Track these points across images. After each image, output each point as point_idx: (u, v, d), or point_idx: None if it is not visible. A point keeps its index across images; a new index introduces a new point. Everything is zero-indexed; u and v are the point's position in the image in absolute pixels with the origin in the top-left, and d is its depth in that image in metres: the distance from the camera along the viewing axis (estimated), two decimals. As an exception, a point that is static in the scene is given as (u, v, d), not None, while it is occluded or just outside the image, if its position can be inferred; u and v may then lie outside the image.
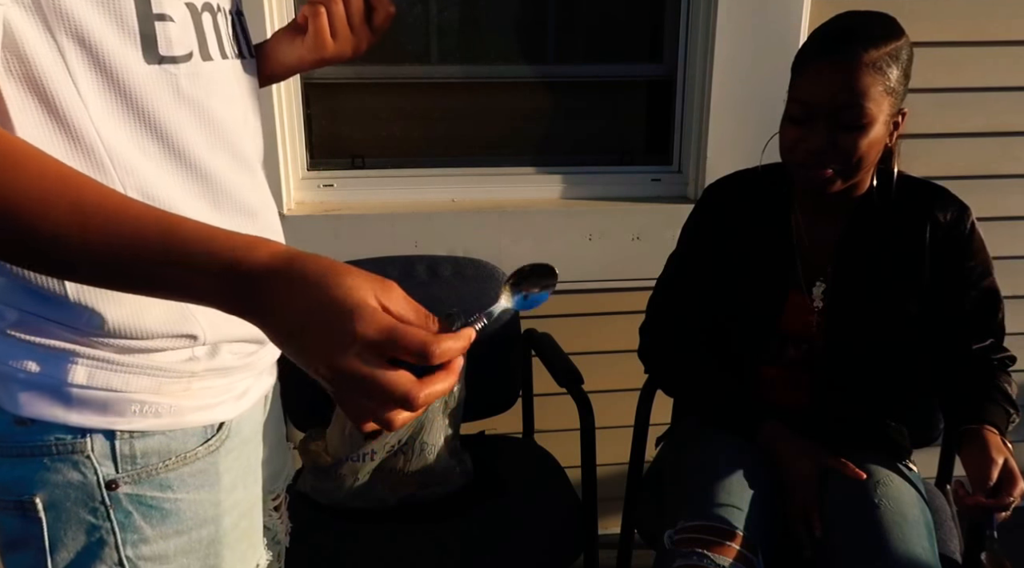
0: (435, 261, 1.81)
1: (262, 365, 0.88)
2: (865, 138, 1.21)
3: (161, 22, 0.69)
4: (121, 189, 0.68)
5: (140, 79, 0.68)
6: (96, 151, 0.67)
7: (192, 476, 0.79)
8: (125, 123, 0.68)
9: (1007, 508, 1.17)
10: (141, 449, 0.75)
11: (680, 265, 1.48)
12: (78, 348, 0.71)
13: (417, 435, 1.52)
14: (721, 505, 1.26)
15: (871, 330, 1.36)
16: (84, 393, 0.72)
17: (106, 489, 0.75)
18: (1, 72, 0.62)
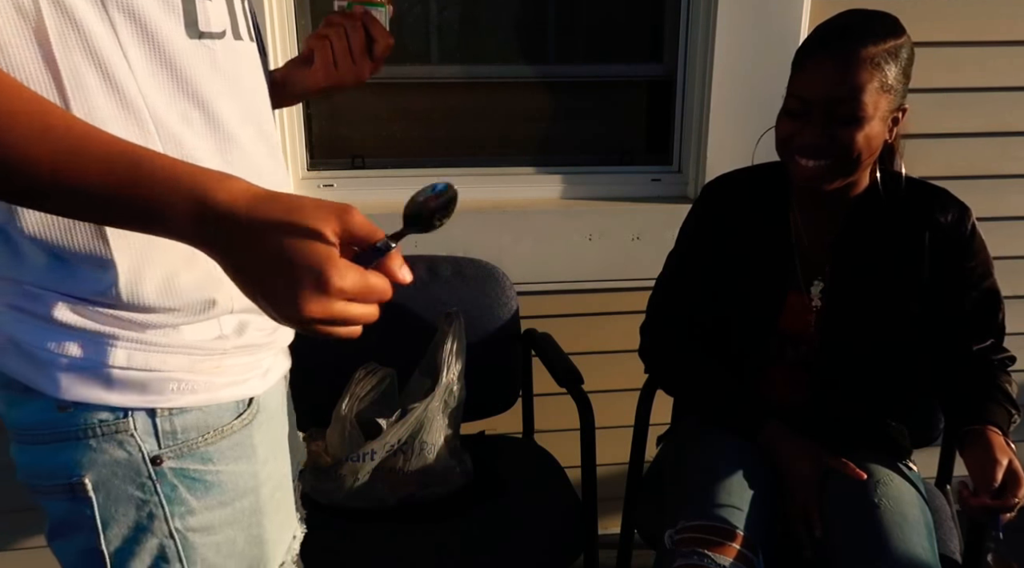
0: (435, 261, 1.81)
1: (282, 344, 0.92)
2: (861, 133, 1.21)
3: (201, 1, 0.74)
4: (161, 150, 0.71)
5: (183, 51, 0.73)
6: (141, 115, 0.71)
7: (230, 449, 0.83)
8: (168, 91, 0.72)
9: (1012, 509, 1.17)
10: (181, 425, 0.79)
11: (679, 264, 1.49)
12: (116, 331, 0.74)
13: (417, 435, 1.52)
14: (721, 505, 1.26)
15: (869, 330, 1.36)
16: (124, 374, 0.75)
17: (151, 464, 0.78)
18: (58, 40, 0.66)
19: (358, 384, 1.54)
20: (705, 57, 1.88)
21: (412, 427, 1.51)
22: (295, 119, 1.88)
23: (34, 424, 0.76)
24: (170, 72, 0.72)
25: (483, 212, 1.91)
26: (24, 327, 0.73)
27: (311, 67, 1.04)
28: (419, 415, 1.51)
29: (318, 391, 1.51)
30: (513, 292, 1.82)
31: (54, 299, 0.73)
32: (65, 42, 0.67)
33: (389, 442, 1.50)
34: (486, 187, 1.98)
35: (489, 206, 1.93)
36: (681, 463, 1.42)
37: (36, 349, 0.73)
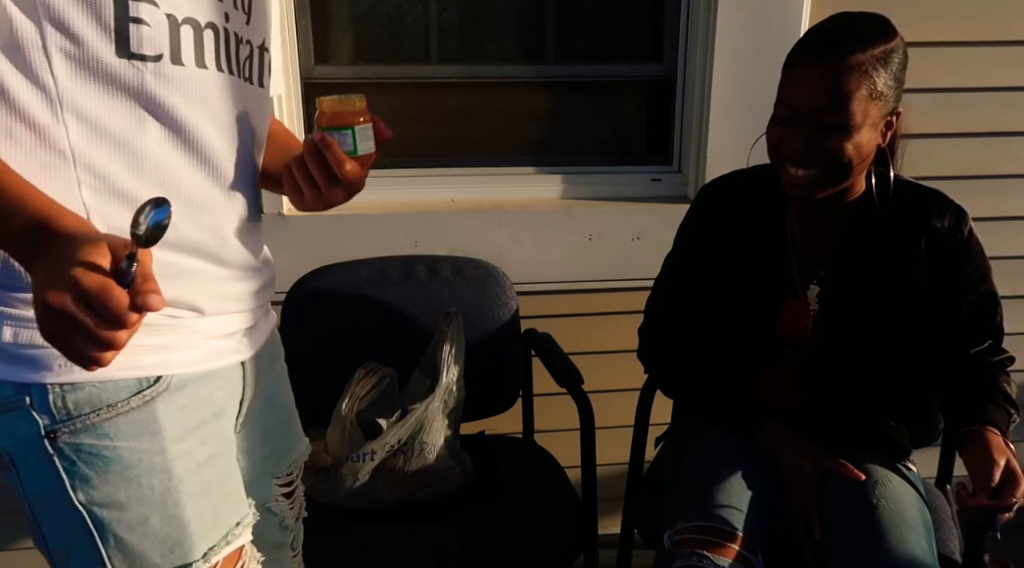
0: (435, 261, 1.81)
1: (211, 333, 0.94)
2: (850, 141, 1.20)
3: (136, 24, 0.80)
4: (69, 152, 0.79)
5: (109, 68, 0.79)
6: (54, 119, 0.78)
7: (129, 425, 0.85)
8: (90, 102, 0.79)
9: (1010, 509, 1.17)
10: (73, 401, 0.82)
11: (676, 266, 1.48)
12: (3, 309, 0.80)
13: (417, 435, 1.52)
14: (721, 506, 1.26)
15: (866, 334, 1.36)
16: (14, 350, 0.80)
17: (47, 440, 0.82)
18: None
19: (358, 384, 1.54)
20: (705, 57, 1.88)
21: (412, 427, 1.51)
22: (295, 119, 1.89)
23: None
24: (95, 83, 0.79)
25: (483, 212, 1.91)
26: None
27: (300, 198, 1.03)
28: (419, 415, 1.51)
29: (318, 391, 1.51)
30: (513, 292, 1.82)
31: None
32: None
33: (389, 442, 1.50)
34: (486, 187, 1.98)
35: (489, 206, 1.93)
36: (680, 464, 1.42)
37: None
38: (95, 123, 0.80)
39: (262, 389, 1.07)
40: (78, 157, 0.80)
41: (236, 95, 0.92)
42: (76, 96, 0.78)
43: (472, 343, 1.74)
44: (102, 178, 0.81)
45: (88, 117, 0.79)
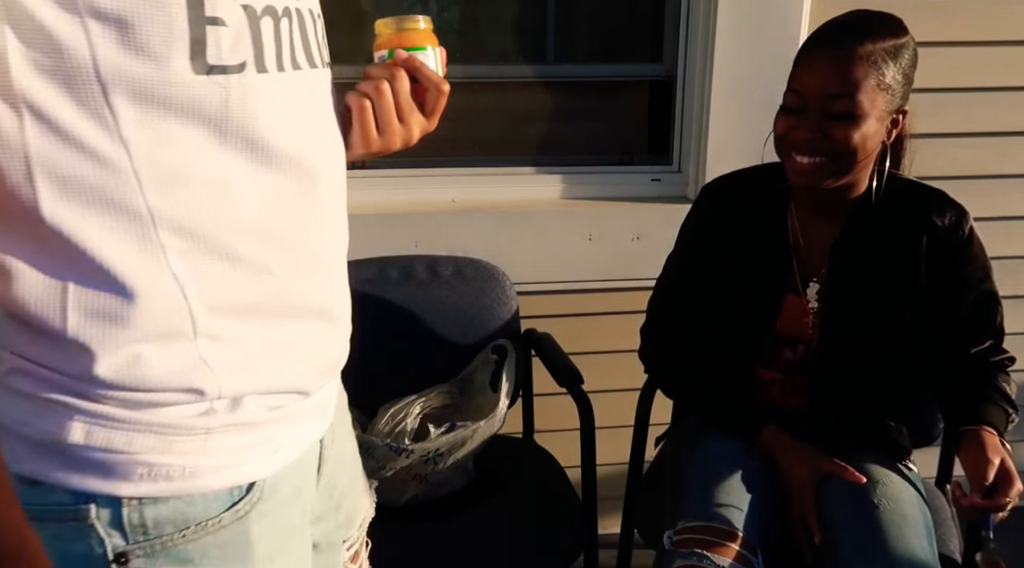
0: (435, 261, 1.81)
1: (303, 415, 0.78)
2: (857, 131, 1.21)
3: (214, 26, 0.61)
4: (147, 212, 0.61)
5: (185, 90, 0.60)
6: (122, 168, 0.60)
7: (217, 547, 0.70)
8: (165, 141, 0.61)
9: (1003, 509, 1.17)
10: (153, 517, 0.66)
11: (678, 266, 1.49)
12: (75, 401, 0.63)
13: (454, 451, 1.50)
14: (721, 505, 1.26)
15: (867, 332, 1.36)
16: (83, 453, 0.64)
17: (115, 564, 0.66)
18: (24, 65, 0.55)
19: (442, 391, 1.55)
20: (705, 57, 1.88)
21: (453, 443, 1.49)
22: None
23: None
24: (165, 113, 0.60)
25: (483, 212, 1.91)
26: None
27: (350, 130, 0.82)
28: (466, 434, 1.49)
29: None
30: (513, 292, 1.82)
31: (9, 359, 0.64)
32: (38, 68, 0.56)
33: (428, 449, 1.47)
34: (486, 187, 1.98)
35: (489, 206, 1.93)
36: (680, 463, 1.42)
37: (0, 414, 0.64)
38: (174, 169, 0.61)
39: (336, 450, 0.89)
40: (157, 217, 0.62)
41: (320, 94, 0.75)
42: (145, 135, 0.59)
43: (472, 343, 1.74)
44: (193, 240, 0.64)
45: (164, 163, 0.61)
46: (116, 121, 0.58)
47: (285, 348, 0.72)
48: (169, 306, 0.64)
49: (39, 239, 0.60)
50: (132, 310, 0.62)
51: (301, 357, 0.74)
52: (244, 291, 0.68)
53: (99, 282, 0.61)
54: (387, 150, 0.84)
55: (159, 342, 0.64)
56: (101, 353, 0.62)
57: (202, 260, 0.65)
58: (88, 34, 0.55)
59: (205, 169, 0.63)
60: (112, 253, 0.61)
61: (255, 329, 0.69)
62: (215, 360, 0.67)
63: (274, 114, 0.67)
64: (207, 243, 0.65)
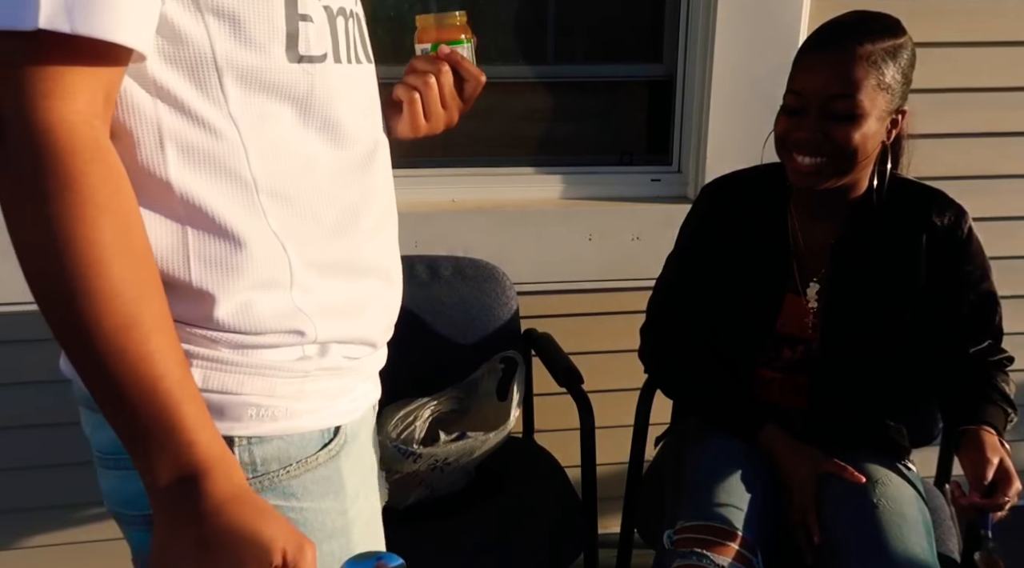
0: (435, 261, 1.81)
1: (370, 371, 0.87)
2: (857, 131, 1.21)
3: (304, 22, 0.71)
4: (251, 180, 0.71)
5: (281, 75, 0.71)
6: (232, 140, 0.70)
7: (315, 483, 0.76)
8: (265, 118, 0.71)
9: (1002, 508, 1.18)
10: (261, 456, 0.73)
11: (678, 266, 1.49)
12: (192, 348, 0.70)
13: (462, 458, 1.50)
14: (721, 505, 1.26)
15: (866, 332, 1.36)
16: (205, 398, 0.68)
17: None
18: (156, 55, 0.65)
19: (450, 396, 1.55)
20: (705, 57, 1.88)
21: (461, 452, 1.49)
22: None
23: (116, 448, 0.69)
24: (267, 96, 0.70)
25: (483, 212, 1.91)
26: None
27: (398, 113, 0.93)
28: (474, 445, 1.49)
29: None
30: (513, 292, 1.82)
31: None
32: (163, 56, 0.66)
33: (437, 456, 1.47)
34: (486, 187, 1.98)
35: (489, 206, 1.94)
36: (680, 463, 1.42)
37: None
38: (271, 143, 0.72)
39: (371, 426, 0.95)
40: (260, 184, 0.71)
41: (372, 85, 0.85)
42: (249, 113, 0.70)
43: (472, 343, 1.74)
44: (287, 204, 0.73)
45: (264, 137, 0.71)
46: (227, 101, 0.69)
47: (359, 302, 0.81)
48: (272, 258, 0.72)
49: (165, 200, 0.68)
50: (244, 259, 0.70)
51: (370, 311, 0.83)
52: (326, 249, 0.77)
53: (215, 236, 0.69)
54: (431, 133, 0.96)
55: (265, 290, 0.72)
56: (221, 299, 0.70)
57: (293, 220, 0.74)
58: (207, 28, 0.66)
59: (293, 143, 0.73)
60: (225, 212, 0.70)
61: (335, 283, 0.78)
62: (308, 308, 0.75)
63: (344, 99, 0.77)
64: (296, 206, 0.74)
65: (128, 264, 0.61)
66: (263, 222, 0.72)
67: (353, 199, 0.80)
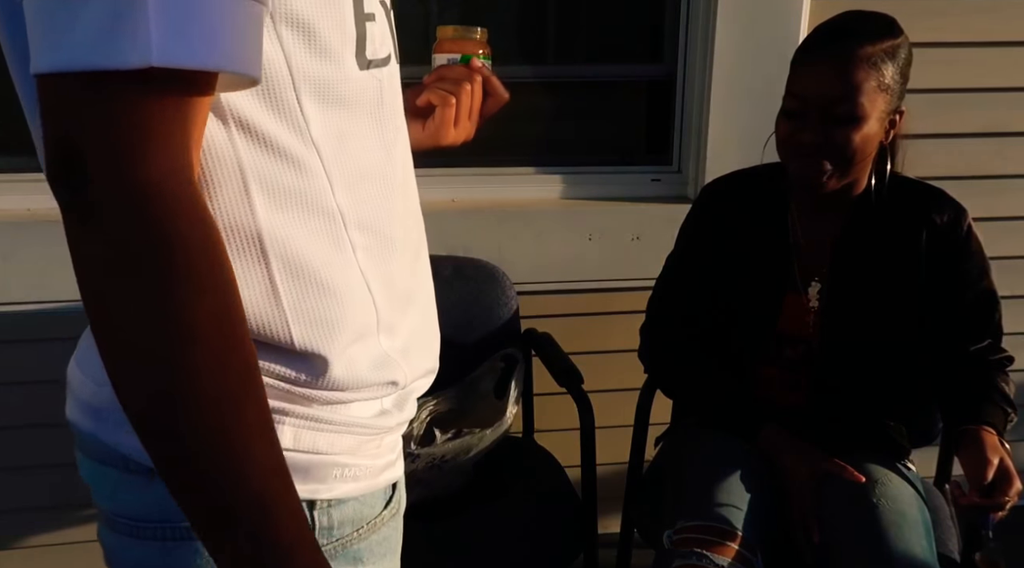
0: (435, 261, 1.79)
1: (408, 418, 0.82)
2: (858, 133, 1.22)
3: (370, 23, 0.63)
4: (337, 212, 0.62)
5: (355, 85, 0.62)
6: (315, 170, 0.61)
7: (379, 544, 0.71)
8: (345, 138, 0.63)
9: (1002, 508, 1.18)
10: (339, 519, 0.67)
11: (678, 266, 1.49)
12: (286, 406, 0.62)
13: (460, 456, 1.50)
14: (720, 505, 1.26)
15: (867, 331, 1.36)
16: (287, 457, 0.59)
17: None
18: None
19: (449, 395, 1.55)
20: (705, 57, 1.88)
21: (459, 450, 1.49)
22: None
23: (161, 514, 0.62)
24: (340, 107, 0.61)
25: (483, 212, 1.91)
26: None
27: (421, 120, 0.89)
28: (472, 442, 1.50)
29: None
30: (513, 292, 1.82)
31: None
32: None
33: (435, 454, 1.47)
34: (486, 187, 1.98)
35: (489, 206, 1.93)
36: (680, 463, 1.42)
37: None
38: (353, 165, 0.63)
39: None
40: (346, 215, 0.63)
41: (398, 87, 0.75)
42: (328, 134, 0.61)
43: (472, 343, 1.74)
44: (369, 232, 0.65)
45: (346, 160, 0.62)
46: (307, 124, 0.59)
47: (425, 333, 0.75)
48: (362, 303, 0.65)
49: (252, 252, 0.59)
50: (343, 310, 0.63)
51: (429, 335, 0.76)
52: (401, 278, 0.70)
53: (311, 288, 0.62)
54: (452, 144, 0.92)
55: (360, 340, 0.65)
56: (333, 358, 0.63)
57: (378, 252, 0.66)
58: (282, 42, 0.56)
59: (371, 161, 0.65)
60: (317, 257, 0.62)
61: (409, 316, 0.71)
62: (395, 352, 0.69)
63: (400, 103, 0.71)
64: (379, 235, 0.66)
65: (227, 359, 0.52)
66: (351, 260, 0.64)
67: (413, 214, 0.74)
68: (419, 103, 0.90)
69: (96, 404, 0.65)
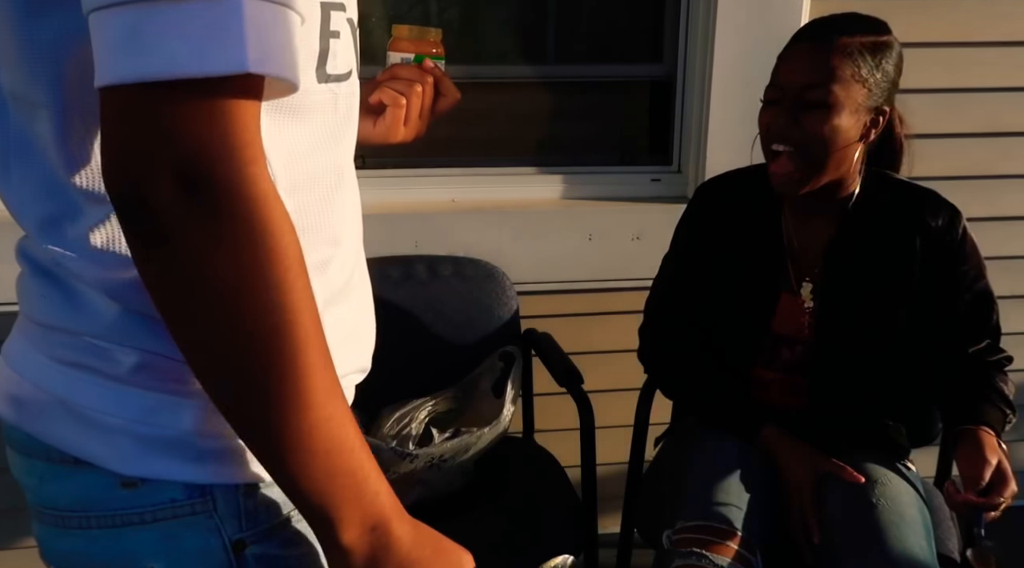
0: (435, 261, 1.82)
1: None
2: (828, 122, 1.22)
3: (334, 39, 0.65)
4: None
5: (311, 98, 0.64)
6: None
7: (306, 525, 0.70)
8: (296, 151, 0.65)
9: (996, 507, 1.18)
10: (264, 501, 0.67)
11: (674, 267, 1.49)
12: (187, 387, 0.63)
13: (458, 456, 1.50)
14: (720, 505, 1.26)
15: (863, 332, 1.36)
16: (208, 442, 0.63)
17: (233, 552, 0.65)
18: None
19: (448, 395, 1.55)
20: (705, 57, 1.88)
21: (457, 450, 1.49)
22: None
23: (83, 504, 0.64)
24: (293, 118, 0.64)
25: (483, 212, 1.91)
26: (82, 387, 0.63)
27: (372, 118, 0.92)
28: (470, 441, 1.49)
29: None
30: (513, 292, 1.82)
31: (128, 355, 0.62)
32: None
33: (433, 454, 1.47)
34: (486, 187, 1.98)
35: (489, 206, 1.94)
36: (680, 463, 1.42)
37: (97, 413, 0.62)
38: (300, 173, 0.65)
39: None
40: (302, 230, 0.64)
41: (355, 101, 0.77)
42: (275, 144, 0.62)
43: (472, 343, 1.74)
44: (313, 237, 0.67)
45: (293, 168, 0.64)
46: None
47: (357, 327, 0.77)
48: None
49: None
50: None
51: (365, 334, 0.79)
52: (340, 275, 0.72)
53: None
54: (404, 140, 0.94)
55: None
56: None
57: (318, 254, 0.68)
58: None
59: (316, 169, 0.67)
60: None
61: (344, 312, 0.73)
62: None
63: (355, 115, 0.74)
64: (319, 236, 0.68)
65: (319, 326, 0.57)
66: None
67: (352, 215, 0.77)
68: (371, 101, 0.93)
69: (20, 395, 0.66)
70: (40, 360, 0.65)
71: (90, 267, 0.61)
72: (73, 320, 0.63)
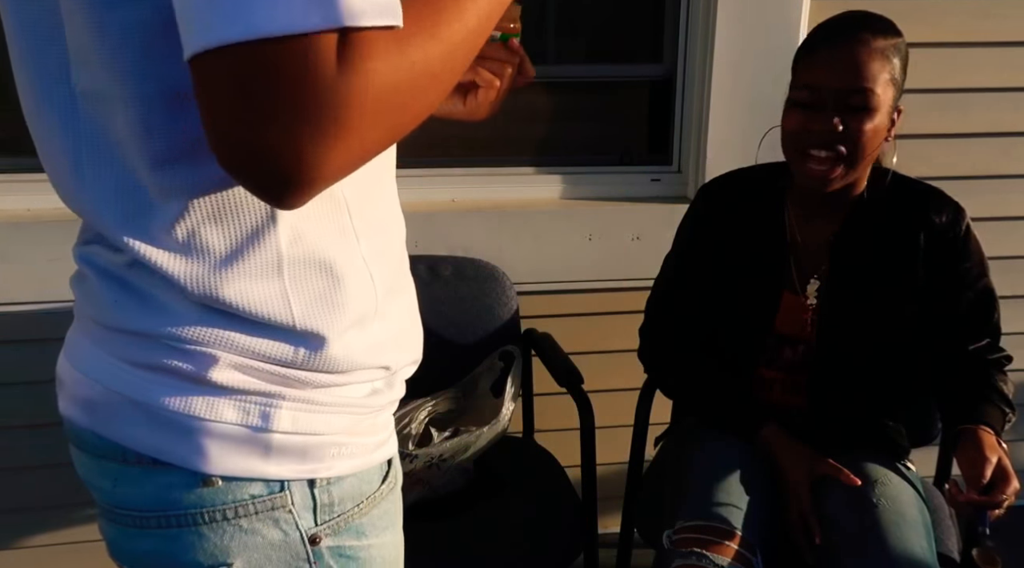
0: (435, 261, 1.81)
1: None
2: (871, 123, 1.22)
3: None
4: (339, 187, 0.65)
5: None
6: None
7: (380, 518, 0.75)
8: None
9: (999, 505, 1.18)
10: (338, 495, 0.70)
11: (676, 266, 1.49)
12: (284, 390, 0.66)
13: (458, 455, 1.50)
14: (720, 505, 1.26)
15: (865, 330, 1.36)
16: (286, 440, 0.66)
17: (310, 545, 0.68)
18: None
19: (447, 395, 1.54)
20: (705, 57, 1.88)
21: (457, 449, 1.49)
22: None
23: (162, 503, 0.65)
24: None
25: (483, 212, 1.91)
26: (159, 389, 0.63)
27: (463, 99, 0.89)
28: (469, 440, 1.50)
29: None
30: (513, 292, 1.82)
31: (207, 355, 0.63)
32: None
33: (432, 454, 1.47)
34: (486, 187, 1.98)
35: (489, 206, 1.93)
36: (680, 463, 1.42)
37: (177, 414, 0.63)
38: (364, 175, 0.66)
39: None
40: (352, 206, 0.67)
41: None
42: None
43: (472, 343, 1.74)
44: (370, 222, 0.69)
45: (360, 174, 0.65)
46: None
47: (412, 319, 0.78)
48: (364, 289, 0.68)
49: (267, 225, 0.62)
50: (344, 294, 0.66)
51: (416, 327, 0.80)
52: (392, 268, 0.74)
53: (314, 270, 0.65)
54: (482, 119, 0.92)
55: (359, 324, 0.68)
56: (332, 339, 0.66)
57: (378, 244, 0.70)
58: None
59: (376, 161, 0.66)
60: (325, 240, 0.65)
61: (399, 305, 0.75)
62: (386, 337, 0.72)
63: None
64: (378, 226, 0.70)
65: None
66: (356, 248, 0.67)
67: (399, 218, 0.77)
68: (463, 80, 0.89)
69: (91, 398, 0.66)
70: (111, 362, 0.65)
71: (173, 261, 0.61)
72: (149, 323, 0.63)
